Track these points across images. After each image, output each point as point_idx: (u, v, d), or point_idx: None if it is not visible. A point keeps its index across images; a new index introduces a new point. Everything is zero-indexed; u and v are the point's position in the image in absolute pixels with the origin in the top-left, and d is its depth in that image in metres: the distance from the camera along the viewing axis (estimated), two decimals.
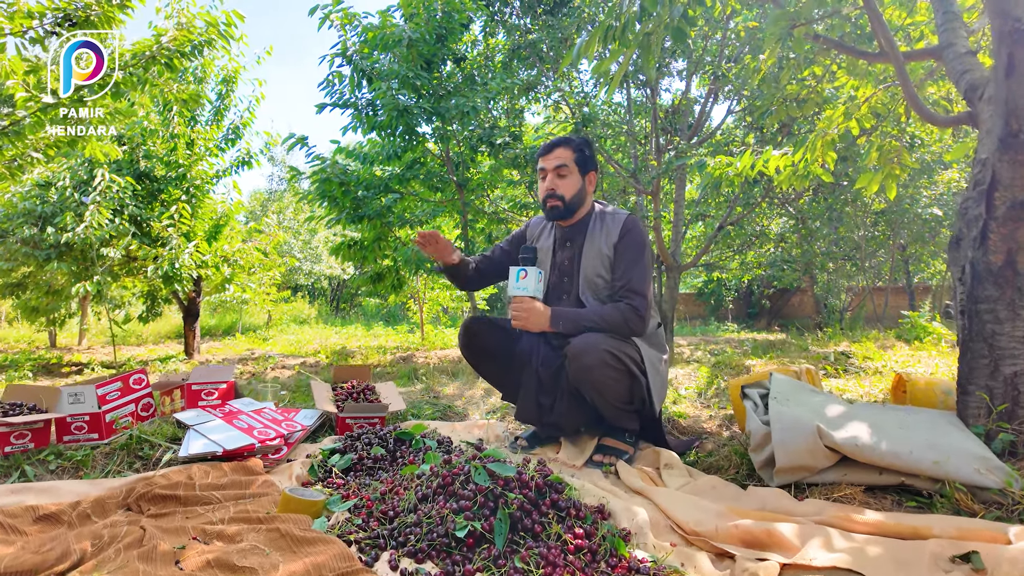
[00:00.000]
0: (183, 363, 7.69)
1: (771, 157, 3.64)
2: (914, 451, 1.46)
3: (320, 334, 11.82)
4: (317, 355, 9.14)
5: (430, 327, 10.84)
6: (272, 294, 9.40)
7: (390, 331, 12.37)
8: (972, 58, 2.48)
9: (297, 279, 13.00)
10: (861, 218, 7.71)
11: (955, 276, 1.96)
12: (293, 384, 5.98)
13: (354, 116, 5.56)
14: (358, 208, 5.85)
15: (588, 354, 1.83)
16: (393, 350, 9.28)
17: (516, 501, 1.29)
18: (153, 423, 2.12)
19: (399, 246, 6.38)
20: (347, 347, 9.92)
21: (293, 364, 7.99)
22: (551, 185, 2.08)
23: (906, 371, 3.48)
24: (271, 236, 8.15)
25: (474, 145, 5.99)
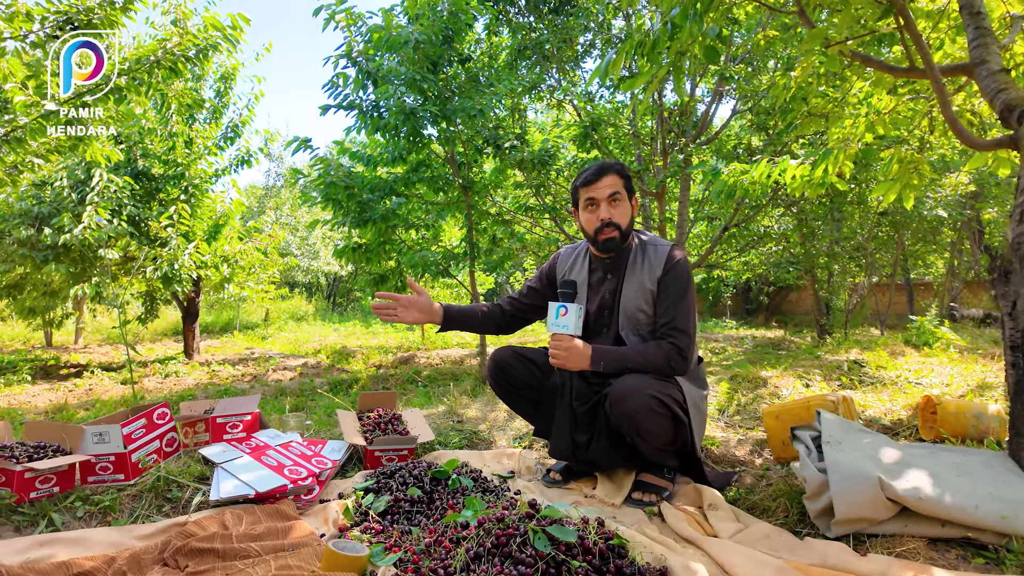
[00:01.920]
0: (183, 364, 7.60)
1: (788, 167, 3.59)
2: (980, 505, 1.42)
3: (319, 332, 11.76)
4: (317, 355, 9.07)
5: (430, 326, 10.79)
6: (270, 291, 9.31)
7: (389, 329, 12.31)
8: (1006, 76, 2.43)
9: (295, 276, 12.90)
10: (863, 219, 7.70)
11: (1004, 310, 1.92)
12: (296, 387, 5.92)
13: (359, 118, 5.46)
14: (363, 211, 5.76)
15: (632, 399, 1.78)
16: (394, 350, 9.23)
17: (580, 570, 1.24)
18: (179, 459, 2.06)
19: (404, 249, 6.31)
20: (347, 346, 9.85)
21: (295, 365, 7.93)
22: (607, 214, 1.99)
23: (936, 393, 3.45)
24: (271, 236, 8.04)
25: (479, 147, 5.91)
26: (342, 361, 8.59)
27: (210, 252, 7.27)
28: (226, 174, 7.74)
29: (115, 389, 6.22)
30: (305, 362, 8.18)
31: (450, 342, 9.57)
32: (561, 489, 2.08)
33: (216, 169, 7.58)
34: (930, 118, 3.33)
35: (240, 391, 5.89)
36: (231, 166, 7.67)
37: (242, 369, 7.67)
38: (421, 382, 6.89)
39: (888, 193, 3.43)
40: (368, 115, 5.44)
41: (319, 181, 5.48)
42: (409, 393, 6.34)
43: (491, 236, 6.51)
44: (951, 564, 1.43)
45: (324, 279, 15.39)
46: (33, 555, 1.53)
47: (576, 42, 6.71)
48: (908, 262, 9.05)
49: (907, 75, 2.87)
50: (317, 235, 13.49)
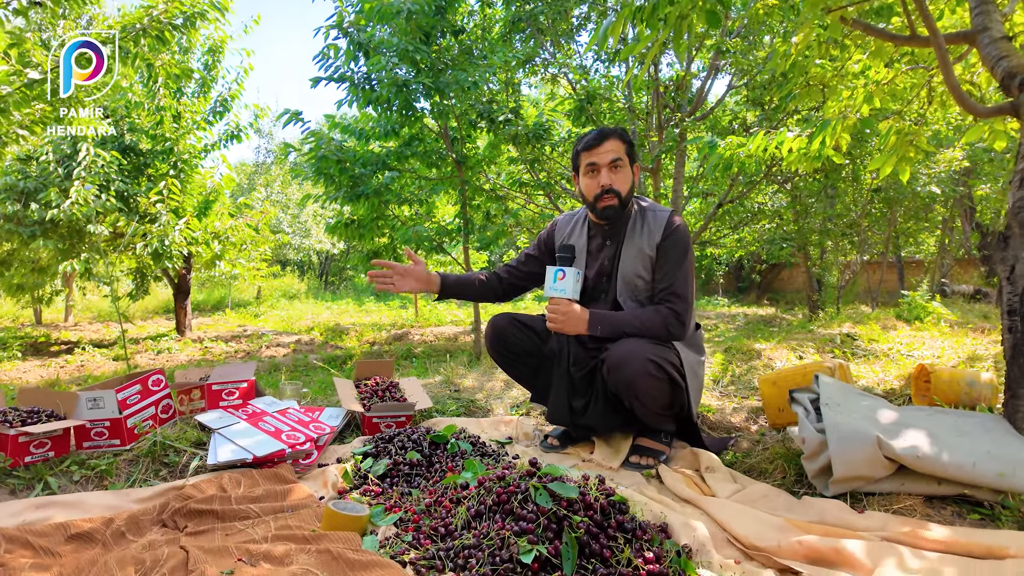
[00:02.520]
0: (175, 341, 7.56)
1: (786, 140, 3.56)
2: (977, 463, 1.43)
3: (311, 310, 11.71)
4: (311, 332, 9.05)
5: (423, 303, 10.76)
6: (262, 269, 9.25)
7: (382, 307, 12.28)
8: (1008, 44, 2.41)
9: (286, 254, 12.80)
10: (856, 196, 7.70)
11: (1002, 275, 1.92)
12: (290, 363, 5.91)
13: (350, 90, 5.37)
14: (355, 186, 5.70)
15: (629, 363, 1.78)
16: (388, 327, 9.22)
17: (582, 525, 1.24)
18: (175, 426, 2.05)
19: (397, 225, 6.26)
20: (340, 324, 9.83)
21: (287, 342, 7.91)
22: (607, 180, 1.96)
23: (929, 362, 3.47)
24: (263, 212, 7.96)
25: (473, 121, 5.84)
26: (336, 338, 8.57)
27: (201, 228, 7.19)
28: (215, 149, 7.63)
29: (107, 365, 6.18)
30: (298, 339, 8.17)
31: (443, 319, 9.57)
32: (559, 454, 2.08)
33: (205, 144, 7.47)
34: (929, 89, 3.31)
35: None
36: (220, 141, 7.56)
37: (235, 346, 7.63)
38: (415, 358, 6.89)
39: (884, 166, 3.42)
40: (360, 87, 5.35)
41: (310, 155, 5.41)
42: (404, 369, 6.35)
43: (485, 212, 6.47)
44: (947, 520, 1.45)
45: (316, 257, 15.29)
46: (30, 517, 1.52)
47: (571, 14, 6.61)
48: (899, 240, 9.09)
49: (908, 43, 2.84)
50: (308, 213, 13.37)
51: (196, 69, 6.65)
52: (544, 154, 6.20)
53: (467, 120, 5.74)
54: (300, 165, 6.07)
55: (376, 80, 5.16)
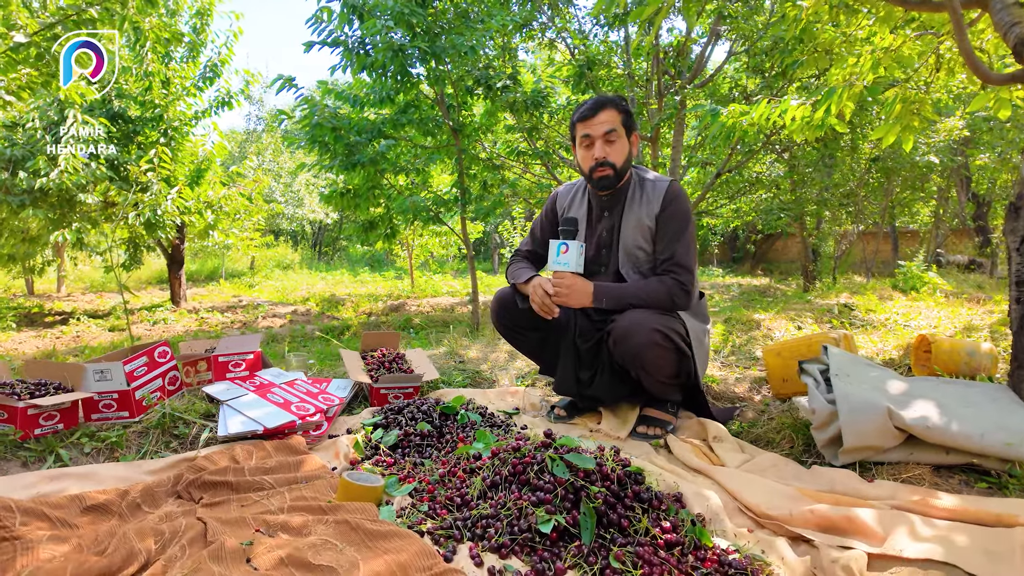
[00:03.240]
0: (171, 312, 7.52)
1: (789, 107, 3.52)
2: (985, 433, 1.45)
3: (306, 280, 11.66)
4: (306, 302, 9.02)
5: (418, 273, 10.74)
6: (256, 239, 9.16)
7: (377, 277, 12.24)
8: (1021, 9, 2.37)
9: (279, 223, 12.68)
10: (854, 165, 7.68)
11: (1011, 246, 1.92)
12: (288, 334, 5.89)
13: (344, 55, 5.24)
14: (351, 154, 5.61)
15: (636, 334, 1.78)
16: (384, 298, 9.20)
17: (600, 495, 1.25)
18: (182, 398, 2.04)
19: (393, 194, 6.19)
20: (336, 294, 9.80)
21: (284, 313, 7.88)
22: (601, 153, 1.93)
23: (930, 332, 3.50)
24: (256, 181, 7.85)
25: (469, 87, 5.72)
26: (332, 309, 8.55)
27: (193, 197, 7.09)
28: (206, 116, 7.48)
29: (103, 336, 6.15)
30: (295, 310, 8.14)
31: (439, 290, 9.55)
32: (566, 424, 2.10)
33: (196, 111, 7.31)
34: (937, 55, 3.27)
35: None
36: (211, 108, 7.40)
37: (231, 316, 7.61)
38: (413, 329, 6.89)
39: (888, 135, 3.39)
40: (354, 52, 5.23)
41: (304, 122, 5.31)
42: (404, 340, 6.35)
43: (482, 182, 6.40)
44: (954, 489, 1.47)
45: (309, 227, 15.17)
46: (43, 489, 1.52)
47: None
48: (895, 210, 9.10)
49: (920, 8, 2.79)
50: (301, 182, 13.19)
51: (187, 33, 6.46)
52: (542, 122, 6.11)
53: (463, 86, 5.63)
54: (293, 133, 5.96)
55: (371, 45, 5.04)
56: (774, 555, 1.27)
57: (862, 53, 3.54)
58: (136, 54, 6.65)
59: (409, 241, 9.88)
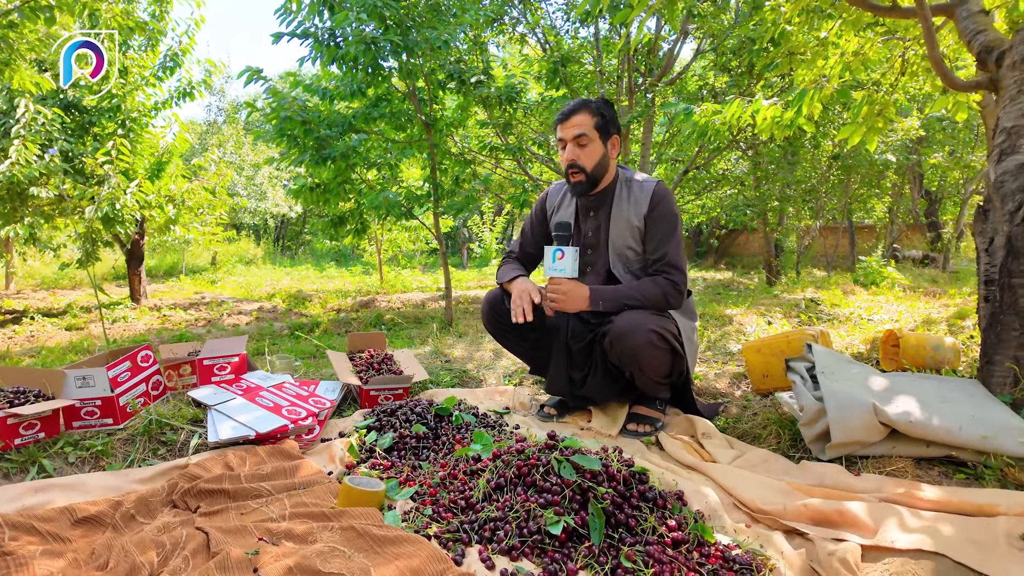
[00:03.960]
0: (131, 309, 7.28)
1: (761, 108, 3.60)
2: (963, 427, 1.53)
3: (270, 276, 11.41)
4: (272, 299, 8.84)
5: (386, 269, 10.62)
6: (218, 234, 8.92)
7: (344, 272, 12.05)
8: (985, 17, 2.48)
9: (241, 218, 12.36)
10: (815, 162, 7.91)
11: (980, 246, 2.02)
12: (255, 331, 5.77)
13: (314, 47, 5.14)
14: (321, 148, 5.52)
15: (634, 334, 1.81)
16: (352, 294, 9.08)
17: (607, 495, 1.27)
18: (167, 403, 1.99)
19: (364, 189, 6.11)
20: (303, 290, 9.63)
21: (249, 310, 7.71)
22: (571, 156, 1.96)
23: (893, 327, 3.63)
24: (220, 175, 7.64)
25: (441, 81, 5.68)
26: (299, 305, 8.41)
27: (154, 191, 6.86)
28: (167, 107, 7.23)
29: (60, 336, 5.91)
30: (260, 306, 7.98)
31: (409, 286, 9.47)
32: (557, 423, 2.12)
33: (156, 102, 7.07)
34: (903, 60, 3.39)
35: (195, 336, 5.71)
36: (172, 98, 7.17)
37: (194, 314, 7.40)
38: (385, 325, 6.83)
39: (853, 136, 3.50)
40: (324, 44, 5.14)
41: (273, 115, 5.19)
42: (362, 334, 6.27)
43: (454, 177, 6.36)
44: (935, 480, 1.55)
45: (272, 221, 14.83)
46: (29, 502, 1.46)
47: None
48: (852, 206, 9.42)
49: (889, 14, 2.89)
50: (264, 175, 12.87)
51: (150, 22, 6.22)
52: (516, 118, 6.10)
53: (435, 80, 5.58)
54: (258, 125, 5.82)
55: (341, 37, 4.96)
56: (772, 549, 1.32)
57: (831, 56, 3.65)
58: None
59: (377, 236, 9.76)
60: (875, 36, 3.55)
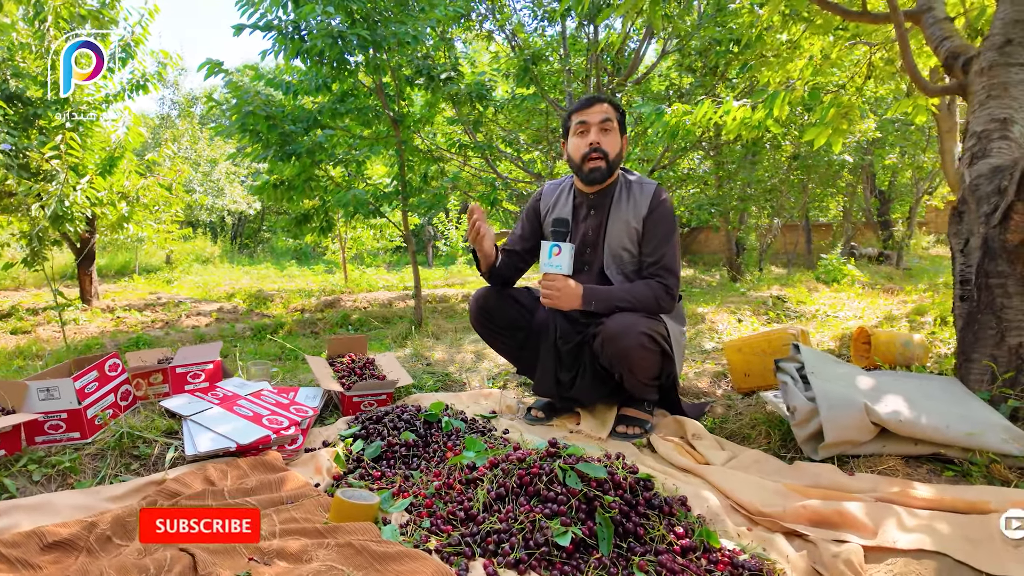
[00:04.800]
0: (82, 311, 6.96)
1: (732, 108, 3.65)
2: (950, 425, 1.56)
3: (228, 275, 11.06)
4: (232, 299, 8.58)
5: (351, 267, 10.43)
6: (174, 232, 8.59)
7: (306, 271, 11.78)
8: (950, 24, 2.55)
9: (198, 215, 11.94)
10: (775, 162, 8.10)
11: (955, 247, 2.07)
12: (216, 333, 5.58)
13: (277, 40, 4.99)
14: (286, 144, 5.37)
15: (625, 336, 1.80)
16: (316, 293, 8.88)
17: (615, 504, 1.25)
18: (138, 414, 1.88)
19: (330, 186, 5.98)
20: (263, 290, 9.37)
21: (209, 311, 7.46)
22: (596, 139, 1.94)
23: (859, 324, 3.72)
24: (177, 171, 7.35)
25: (409, 77, 5.59)
26: (260, 306, 8.18)
27: (106, 187, 6.55)
28: (119, 100, 6.92)
29: (5, 340, 5.60)
30: (220, 307, 7.73)
31: (375, 285, 9.32)
32: (545, 426, 2.09)
33: (107, 94, 6.75)
34: (869, 64, 3.48)
35: (152, 338, 5.49)
36: (124, 91, 6.85)
37: (150, 315, 7.13)
38: (351, 325, 6.70)
39: (819, 137, 3.58)
40: (288, 38, 4.99)
41: (235, 110, 5.02)
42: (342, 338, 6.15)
43: (422, 174, 6.27)
44: (924, 478, 1.58)
45: (230, 218, 14.38)
46: None
47: None
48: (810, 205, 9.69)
49: (860, 19, 2.95)
50: (221, 171, 12.44)
51: (101, 10, 5.91)
52: (486, 116, 6.05)
53: (403, 76, 5.48)
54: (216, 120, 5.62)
55: (306, 30, 4.83)
56: (775, 552, 1.32)
57: (800, 59, 3.72)
58: (36, 30, 6.05)
59: (341, 234, 9.58)
60: (841, 40, 3.64)
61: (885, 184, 10.15)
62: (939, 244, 11.38)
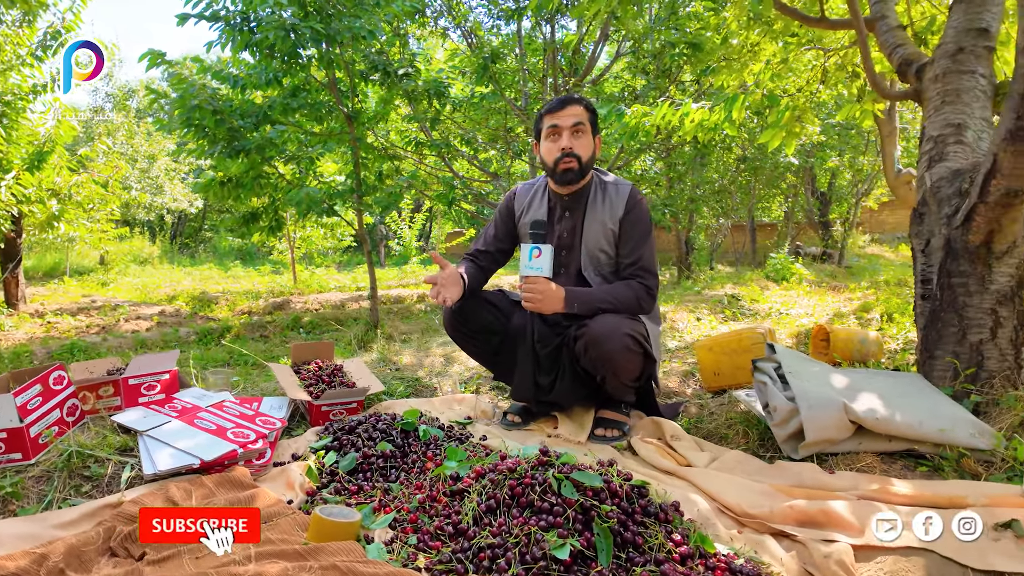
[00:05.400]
0: (8, 316, 6.50)
1: (691, 111, 3.70)
2: (924, 421, 1.60)
3: (169, 276, 10.55)
4: (173, 302, 8.20)
5: (299, 267, 10.12)
6: (109, 231, 8.12)
7: (251, 272, 11.36)
8: (902, 32, 2.64)
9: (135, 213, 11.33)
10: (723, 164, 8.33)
11: (916, 247, 2.14)
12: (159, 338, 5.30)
13: (225, 32, 4.78)
14: (234, 140, 5.14)
15: (610, 339, 1.78)
16: (263, 295, 8.57)
17: (613, 513, 1.22)
18: (87, 431, 1.73)
19: (281, 183, 5.77)
20: (207, 292, 9.00)
21: (149, 314, 7.10)
22: (568, 143, 1.92)
23: (826, 322, 3.83)
24: (114, 167, 6.95)
25: (364, 73, 5.45)
26: (205, 308, 7.85)
27: (34, 184, 6.13)
28: (47, 91, 6.48)
29: None
30: (161, 310, 7.37)
31: (326, 286, 9.07)
32: (522, 431, 2.05)
33: (34, 84, 6.32)
34: (823, 69, 3.58)
35: (89, 344, 5.17)
36: (54, 81, 6.43)
37: (85, 319, 6.73)
38: (303, 328, 6.50)
39: (773, 139, 3.67)
40: (237, 29, 4.78)
41: (179, 104, 4.78)
42: (291, 341, 5.96)
43: (377, 172, 6.13)
44: (900, 474, 1.61)
45: (169, 217, 13.72)
46: None
47: None
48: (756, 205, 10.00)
49: (819, 25, 3.03)
50: (160, 167, 11.84)
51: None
52: (445, 114, 5.96)
53: (357, 71, 5.34)
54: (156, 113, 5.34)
55: (256, 21, 4.64)
56: (767, 555, 1.31)
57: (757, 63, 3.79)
58: None
59: (290, 233, 9.28)
60: (794, 45, 3.73)
61: (825, 186, 10.57)
62: (874, 243, 11.95)
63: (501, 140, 7.00)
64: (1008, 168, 1.65)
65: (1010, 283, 1.85)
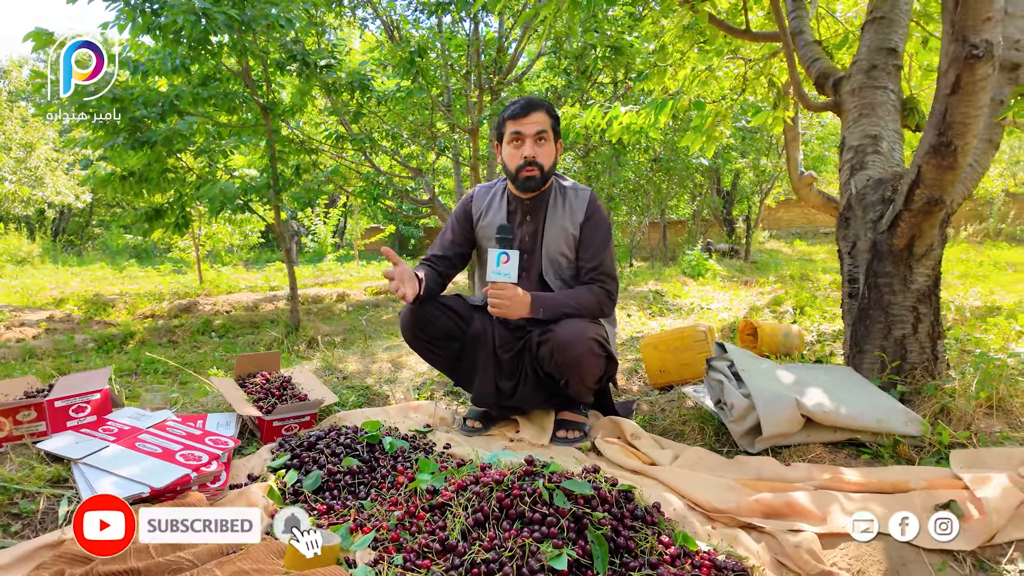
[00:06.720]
0: None
1: (619, 114, 3.81)
2: (864, 412, 1.74)
3: (54, 277, 9.59)
4: (63, 305, 7.49)
5: (205, 266, 9.52)
6: None
7: (151, 271, 10.53)
8: (818, 47, 2.84)
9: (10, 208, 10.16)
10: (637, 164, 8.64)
11: (843, 250, 2.31)
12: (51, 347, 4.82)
13: (123, 12, 4.42)
14: (137, 131, 4.77)
15: (576, 344, 1.80)
16: (167, 296, 8.00)
17: (606, 520, 1.23)
18: (8, 461, 1.53)
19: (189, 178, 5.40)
20: (101, 294, 8.28)
21: (35, 320, 6.46)
22: (531, 152, 1.91)
23: (735, 316, 4.03)
24: None
25: (280, 62, 5.19)
26: (100, 313, 7.23)
27: None
28: None
29: None
30: (50, 315, 6.71)
31: (236, 285, 8.59)
32: (484, 436, 2.04)
33: None
34: (744, 78, 3.78)
35: None
36: None
37: None
38: (216, 332, 6.13)
39: (694, 143, 3.85)
40: (138, 10, 4.43)
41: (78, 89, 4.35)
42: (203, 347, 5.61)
43: (294, 167, 5.86)
44: (846, 462, 1.74)
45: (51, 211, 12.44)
46: None
47: None
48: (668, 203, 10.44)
49: (743, 36, 3.19)
50: (40, 157, 10.67)
51: None
52: (368, 107, 5.78)
53: (272, 61, 5.08)
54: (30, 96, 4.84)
55: (160, 3, 4.31)
56: (742, 548, 1.38)
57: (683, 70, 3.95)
58: None
59: (194, 230, 8.70)
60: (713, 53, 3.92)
61: (729, 185, 11.20)
62: (772, 239, 12.79)
63: (424, 135, 6.89)
64: (930, 179, 1.82)
65: (927, 282, 2.04)
